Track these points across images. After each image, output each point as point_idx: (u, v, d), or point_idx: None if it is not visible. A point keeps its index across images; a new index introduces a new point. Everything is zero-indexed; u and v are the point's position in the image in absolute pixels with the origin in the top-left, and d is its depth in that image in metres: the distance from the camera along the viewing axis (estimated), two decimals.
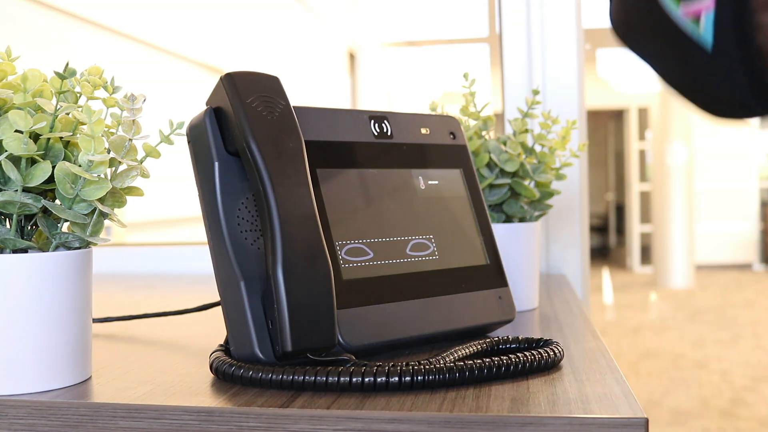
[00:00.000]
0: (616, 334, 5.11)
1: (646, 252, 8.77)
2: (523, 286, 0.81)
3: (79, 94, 0.53)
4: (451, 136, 0.70)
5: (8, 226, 0.52)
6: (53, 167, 0.50)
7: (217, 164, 0.55)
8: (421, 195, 0.66)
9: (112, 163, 0.53)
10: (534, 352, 0.53)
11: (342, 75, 5.69)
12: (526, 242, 0.82)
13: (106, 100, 0.53)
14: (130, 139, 0.53)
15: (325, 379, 0.49)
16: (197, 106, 0.58)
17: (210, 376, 0.54)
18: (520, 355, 0.52)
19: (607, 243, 11.29)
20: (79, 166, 0.51)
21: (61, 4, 2.40)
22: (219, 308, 0.71)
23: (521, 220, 0.84)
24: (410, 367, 0.49)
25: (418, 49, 7.59)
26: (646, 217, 8.78)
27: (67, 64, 0.52)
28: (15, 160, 0.50)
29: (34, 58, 1.88)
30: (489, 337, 0.60)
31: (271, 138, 0.54)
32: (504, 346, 0.58)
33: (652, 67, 0.45)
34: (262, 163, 0.53)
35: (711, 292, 6.99)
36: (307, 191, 0.54)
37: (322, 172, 0.60)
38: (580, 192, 1.22)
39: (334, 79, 5.45)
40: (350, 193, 0.61)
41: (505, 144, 0.82)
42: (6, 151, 0.49)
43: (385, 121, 0.66)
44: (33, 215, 0.52)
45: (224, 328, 0.57)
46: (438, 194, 0.67)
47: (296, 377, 0.49)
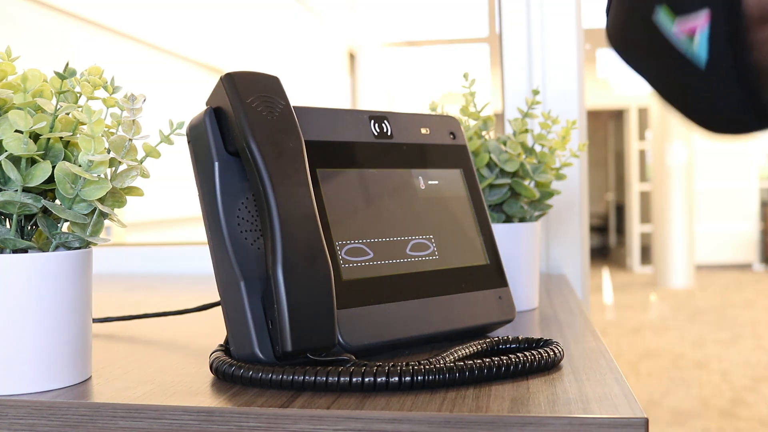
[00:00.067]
0: (616, 334, 5.11)
1: (646, 252, 8.77)
2: (523, 286, 0.81)
3: (79, 94, 0.53)
4: (451, 136, 0.70)
5: (8, 226, 0.52)
6: (53, 167, 0.50)
7: (217, 164, 0.55)
8: (421, 195, 0.66)
9: (112, 163, 0.53)
10: (534, 352, 0.53)
11: (342, 75, 5.69)
12: (526, 242, 0.82)
13: (106, 100, 0.53)
14: (130, 139, 0.53)
15: (325, 379, 0.49)
16: (197, 106, 0.58)
17: (210, 376, 0.54)
18: (520, 355, 0.52)
19: (607, 243, 11.30)
20: (79, 166, 0.51)
21: (61, 4, 2.40)
22: (219, 308, 0.71)
23: (521, 220, 0.84)
24: (410, 367, 0.49)
25: (418, 49, 7.59)
26: (646, 217, 8.77)
27: (67, 64, 0.52)
28: (15, 160, 0.50)
29: (34, 58, 1.88)
30: (489, 337, 0.60)
31: (271, 138, 0.54)
32: (504, 346, 0.58)
33: (648, 81, 0.45)
34: (262, 163, 0.52)
35: (711, 292, 6.99)
36: (307, 191, 0.54)
37: (322, 172, 0.60)
38: (580, 192, 1.22)
39: (334, 79, 5.45)
40: (350, 193, 0.61)
41: (505, 144, 0.82)
42: (6, 151, 0.49)
43: (385, 121, 0.66)
44: (33, 215, 0.52)
45: (224, 328, 0.57)
46: (438, 194, 0.67)
47: (296, 377, 0.49)
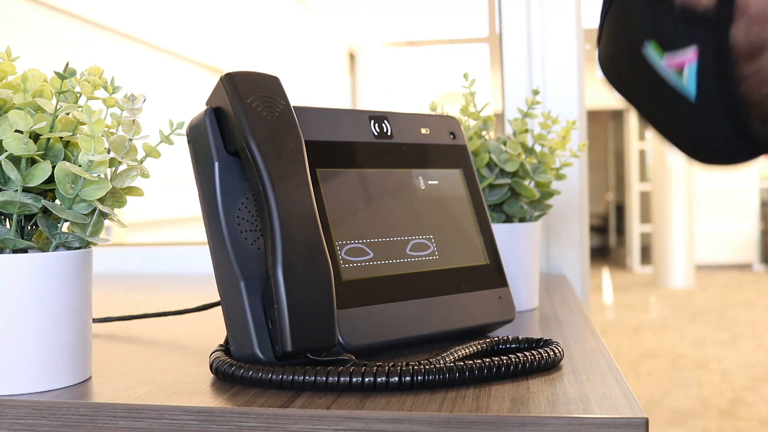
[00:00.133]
0: (616, 334, 5.11)
1: (646, 252, 8.77)
2: (523, 286, 0.81)
3: (79, 94, 0.53)
4: (451, 136, 0.70)
5: (8, 226, 0.52)
6: (53, 167, 0.50)
7: (217, 164, 0.55)
8: (421, 195, 0.66)
9: (112, 163, 0.53)
10: (534, 352, 0.53)
11: (342, 75, 5.69)
12: (526, 242, 0.82)
13: (106, 100, 0.53)
14: (130, 139, 0.53)
15: (325, 379, 0.49)
16: (197, 106, 0.58)
17: (210, 376, 0.54)
18: (520, 355, 0.52)
19: (607, 243, 11.30)
20: (79, 166, 0.51)
21: (61, 4, 2.40)
22: (219, 308, 0.71)
23: (521, 220, 0.84)
24: (410, 367, 0.49)
25: (418, 49, 7.59)
26: (646, 217, 8.77)
27: (67, 64, 0.52)
28: (15, 160, 0.50)
29: (34, 58, 1.88)
30: (489, 337, 0.60)
31: (271, 138, 0.54)
32: (504, 346, 0.58)
33: (638, 111, 0.45)
34: (262, 163, 0.52)
35: (711, 292, 6.99)
36: (307, 191, 0.54)
37: (322, 172, 0.60)
38: (580, 192, 1.22)
39: (334, 79, 5.45)
40: (350, 193, 0.61)
41: (505, 144, 0.82)
42: (6, 151, 0.49)
43: (385, 121, 0.66)
44: (33, 215, 0.52)
45: (224, 328, 0.57)
46: (438, 194, 0.67)
47: (296, 377, 0.49)
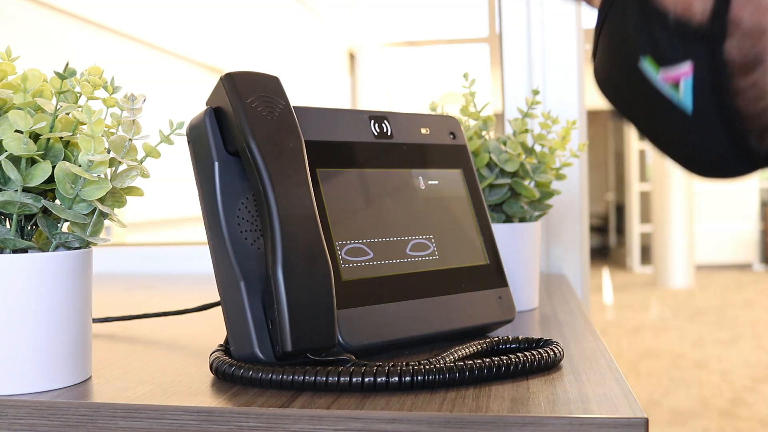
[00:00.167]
0: (616, 334, 5.11)
1: (646, 252, 8.76)
2: (523, 286, 0.81)
3: (79, 94, 0.53)
4: (451, 136, 0.70)
5: (8, 226, 0.52)
6: (53, 167, 0.50)
7: (217, 164, 0.55)
8: (421, 195, 0.66)
9: (112, 163, 0.53)
10: (534, 352, 0.53)
11: (342, 75, 5.69)
12: (526, 242, 0.82)
13: (106, 100, 0.53)
14: (130, 139, 0.53)
15: (325, 379, 0.49)
16: (197, 106, 0.58)
17: (210, 376, 0.54)
18: (520, 355, 0.52)
19: (607, 243, 11.29)
20: (79, 166, 0.51)
21: (61, 4, 2.40)
22: (219, 308, 0.71)
23: (521, 220, 0.84)
24: (410, 367, 0.49)
25: (418, 49, 7.59)
26: (646, 217, 8.77)
27: (67, 64, 0.52)
28: (15, 160, 0.50)
29: (34, 58, 1.88)
30: (489, 337, 0.60)
31: (271, 138, 0.54)
32: (504, 346, 0.58)
33: (635, 124, 0.45)
34: (262, 163, 0.52)
35: (711, 292, 6.99)
36: (307, 191, 0.54)
37: (322, 172, 0.60)
38: (580, 192, 1.22)
39: (334, 79, 5.45)
40: (350, 193, 0.61)
41: (505, 144, 0.82)
42: (6, 151, 0.49)
43: (385, 121, 0.66)
44: (33, 215, 0.52)
45: (224, 328, 0.57)
46: (438, 194, 0.67)
47: (296, 377, 0.49)
